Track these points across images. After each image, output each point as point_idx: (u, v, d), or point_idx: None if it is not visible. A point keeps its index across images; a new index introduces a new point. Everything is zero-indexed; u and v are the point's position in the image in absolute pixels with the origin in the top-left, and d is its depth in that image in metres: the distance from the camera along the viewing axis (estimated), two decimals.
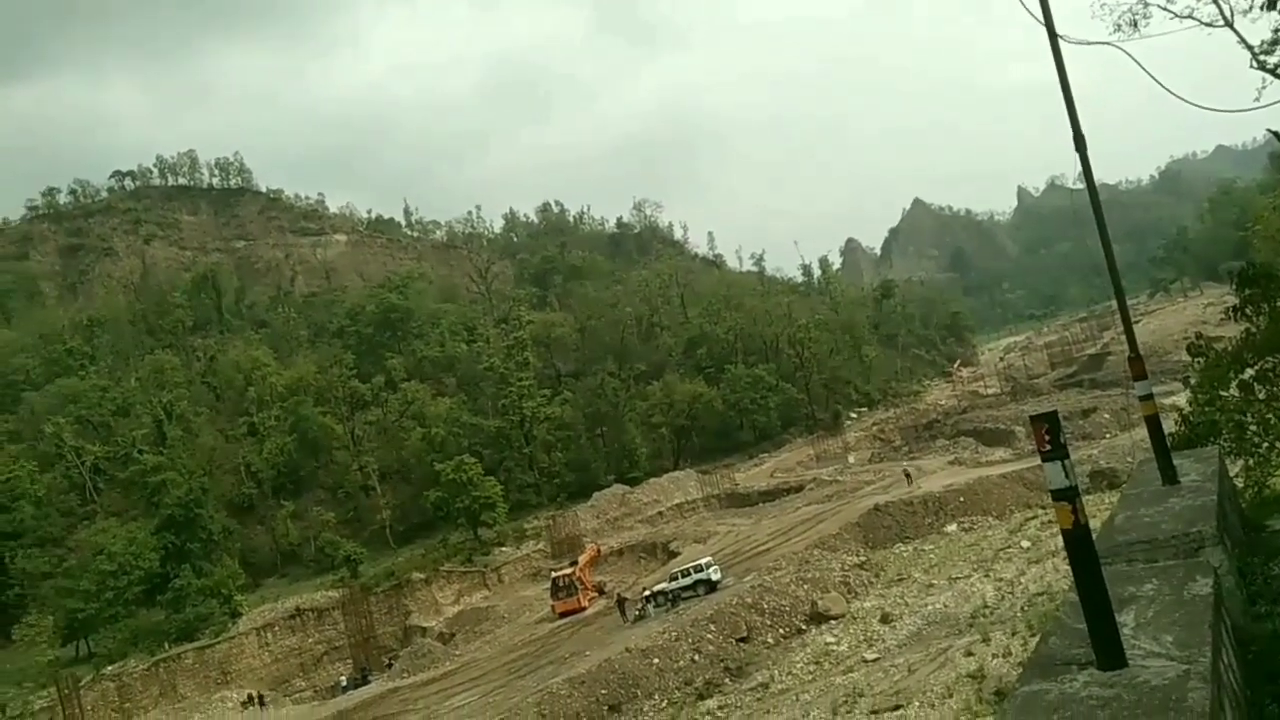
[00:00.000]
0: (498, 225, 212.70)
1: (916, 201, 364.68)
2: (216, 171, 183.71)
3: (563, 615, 55.26)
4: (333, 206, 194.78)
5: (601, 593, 57.94)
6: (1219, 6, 21.10)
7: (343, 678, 62.34)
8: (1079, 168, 9.72)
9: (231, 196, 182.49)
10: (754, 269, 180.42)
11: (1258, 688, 5.07)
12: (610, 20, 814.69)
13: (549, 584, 58.89)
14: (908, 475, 62.42)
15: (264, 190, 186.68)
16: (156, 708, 60.71)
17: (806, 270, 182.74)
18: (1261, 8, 16.49)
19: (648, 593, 49.71)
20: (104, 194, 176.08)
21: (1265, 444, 15.98)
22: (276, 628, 67.79)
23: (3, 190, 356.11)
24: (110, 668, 62.95)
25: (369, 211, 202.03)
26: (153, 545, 71.38)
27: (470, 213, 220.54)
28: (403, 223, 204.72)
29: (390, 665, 60.67)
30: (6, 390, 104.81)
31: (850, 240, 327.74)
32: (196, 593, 67.65)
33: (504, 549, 76.06)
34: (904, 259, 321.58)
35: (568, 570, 58.20)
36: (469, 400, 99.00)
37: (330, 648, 67.88)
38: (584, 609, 55.22)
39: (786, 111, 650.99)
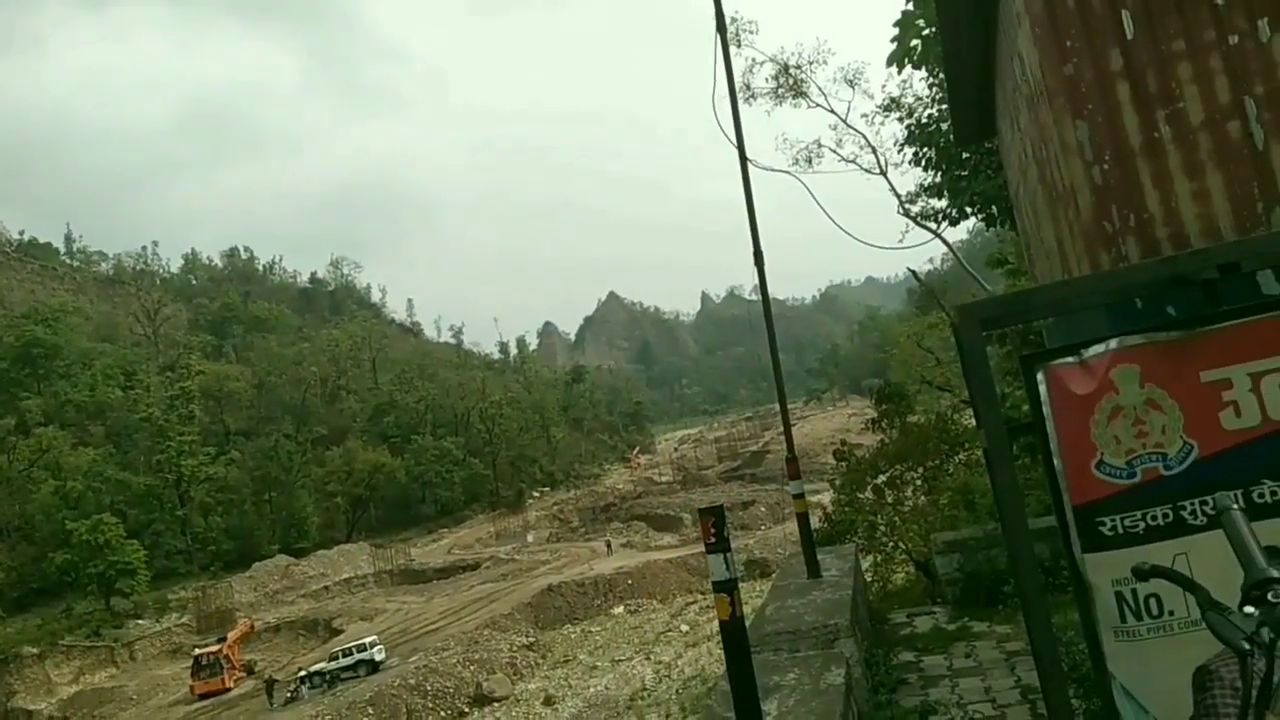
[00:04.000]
0: (176, 265, 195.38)
1: (611, 294, 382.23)
2: None
3: (203, 697, 50.05)
4: None
5: (250, 672, 53.31)
6: (876, 158, 24.39)
7: None
8: (755, 280, 10.63)
9: None
10: (452, 341, 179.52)
11: None
12: (323, 75, 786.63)
13: (190, 662, 53.30)
14: (609, 545, 67.47)
15: None
16: None
17: (504, 348, 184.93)
18: (909, 162, 19.25)
19: (304, 673, 46.40)
20: None
21: (890, 543, 18.01)
22: None
23: None
24: None
25: (20, 233, 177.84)
26: None
27: (145, 248, 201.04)
28: (62, 249, 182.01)
29: None
30: None
31: (548, 324, 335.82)
32: None
33: (141, 622, 67.92)
34: (596, 347, 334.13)
35: (214, 647, 53.01)
36: (117, 452, 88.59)
37: None
38: (228, 689, 50.43)
39: (496, 194, 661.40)
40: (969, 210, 17.06)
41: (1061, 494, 3.96)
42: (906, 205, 22.42)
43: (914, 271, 29.38)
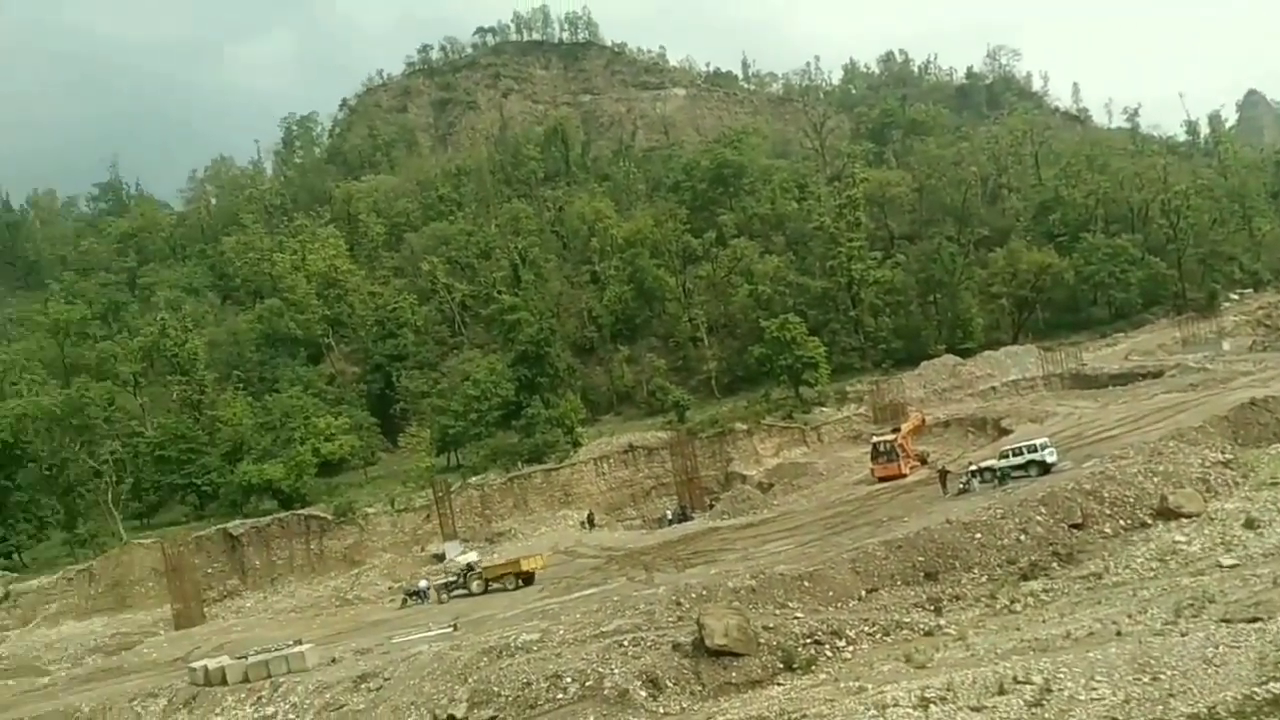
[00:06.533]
0: (836, 77, 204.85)
1: None
2: (566, 26, 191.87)
3: (881, 480, 55.11)
4: (673, 60, 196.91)
5: (923, 462, 56.91)
6: None
7: (668, 511, 67.14)
8: None
9: (579, 50, 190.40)
10: (1125, 125, 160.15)
11: None
12: None
13: (869, 448, 58.69)
14: None
15: (609, 44, 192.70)
16: (511, 517, 69.55)
17: (1192, 128, 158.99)
18: None
19: (974, 467, 48.01)
20: (469, 50, 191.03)
21: None
22: (611, 460, 74.34)
23: (390, 47, 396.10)
24: (474, 479, 72.65)
25: (707, 65, 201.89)
26: (509, 376, 79.77)
27: (808, 64, 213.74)
28: (739, 75, 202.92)
29: (711, 506, 64.29)
30: (392, 230, 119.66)
31: (1252, 93, 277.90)
32: (544, 422, 75.19)
33: (824, 409, 76.64)
34: None
35: (890, 436, 57.60)
36: (796, 259, 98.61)
37: (657, 483, 73.30)
38: (904, 476, 54.68)
39: None
40: None
41: None
42: None
43: None
